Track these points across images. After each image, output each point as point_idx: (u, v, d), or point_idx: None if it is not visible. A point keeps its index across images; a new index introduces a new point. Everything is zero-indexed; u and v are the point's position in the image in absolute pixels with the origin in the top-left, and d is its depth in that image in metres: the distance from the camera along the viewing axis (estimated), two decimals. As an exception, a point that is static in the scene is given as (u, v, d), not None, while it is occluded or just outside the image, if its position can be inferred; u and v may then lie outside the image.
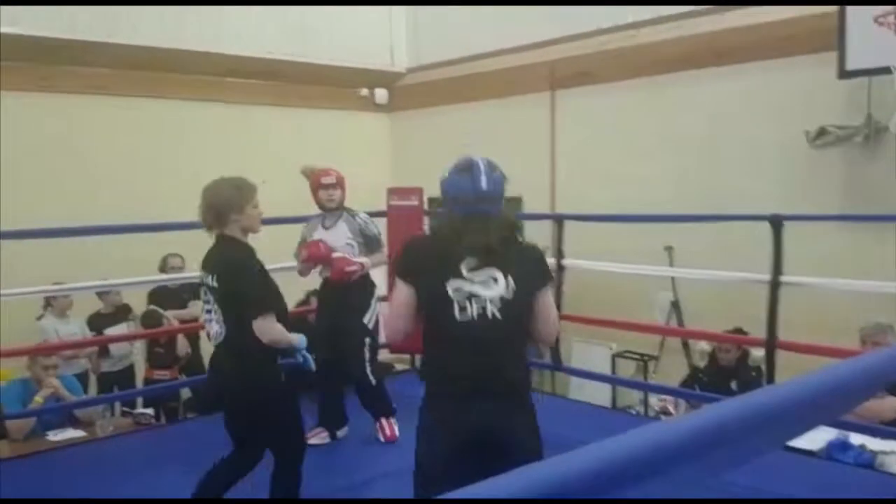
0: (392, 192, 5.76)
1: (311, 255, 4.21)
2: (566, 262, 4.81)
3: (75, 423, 4.58)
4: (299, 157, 7.13)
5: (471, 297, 2.34)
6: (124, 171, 6.30)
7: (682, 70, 5.68)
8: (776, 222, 3.97)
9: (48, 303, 5.37)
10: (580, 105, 6.42)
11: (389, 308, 2.50)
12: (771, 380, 4.07)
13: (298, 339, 3.05)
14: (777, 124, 5.19)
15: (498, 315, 2.34)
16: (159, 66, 6.48)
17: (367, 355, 4.20)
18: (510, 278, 2.38)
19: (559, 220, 4.92)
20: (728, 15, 5.45)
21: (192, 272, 5.64)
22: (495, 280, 2.36)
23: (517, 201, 6.85)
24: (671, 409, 4.88)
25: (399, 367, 6.43)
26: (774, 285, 3.96)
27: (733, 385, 4.76)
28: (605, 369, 5.93)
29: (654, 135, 5.92)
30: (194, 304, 5.91)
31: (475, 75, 7.15)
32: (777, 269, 3.96)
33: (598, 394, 5.72)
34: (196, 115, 6.76)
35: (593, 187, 6.16)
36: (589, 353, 6.07)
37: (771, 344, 4.01)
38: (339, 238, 4.26)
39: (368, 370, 4.21)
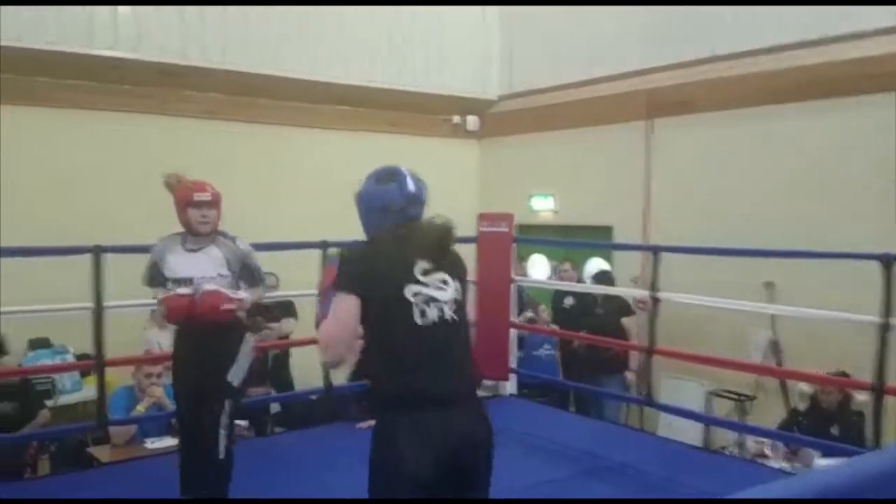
0: (482, 217, 5.76)
1: (173, 312, 3.36)
2: (661, 294, 4.69)
3: (173, 432, 4.74)
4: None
5: (429, 300, 2.28)
6: (232, 193, 6.54)
7: (788, 102, 5.52)
8: (887, 261, 3.77)
9: (152, 315, 5.61)
10: (678, 135, 6.31)
11: (331, 323, 2.25)
12: (878, 426, 3.85)
13: None
14: (886, 160, 4.95)
15: (455, 317, 2.32)
16: (262, 93, 6.77)
17: (225, 421, 3.35)
18: (455, 280, 2.37)
19: (656, 251, 4.81)
20: (832, 47, 5.27)
21: (287, 290, 5.84)
22: (446, 283, 2.34)
23: (607, 230, 6.79)
24: (768, 452, 4.68)
25: (480, 393, 6.40)
26: (884, 328, 3.75)
27: (834, 430, 4.55)
28: (697, 407, 5.74)
29: (755, 167, 5.75)
30: (286, 321, 6.09)
31: (567, 103, 7.14)
32: (887, 310, 3.75)
33: (689, 432, 5.53)
34: (293, 141, 7.01)
35: (689, 218, 6.03)
36: (680, 389, 5.89)
37: (879, 388, 3.80)
38: (208, 265, 3.44)
39: (221, 439, 3.33)
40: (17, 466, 4.72)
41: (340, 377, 6.06)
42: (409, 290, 2.27)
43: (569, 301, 6.28)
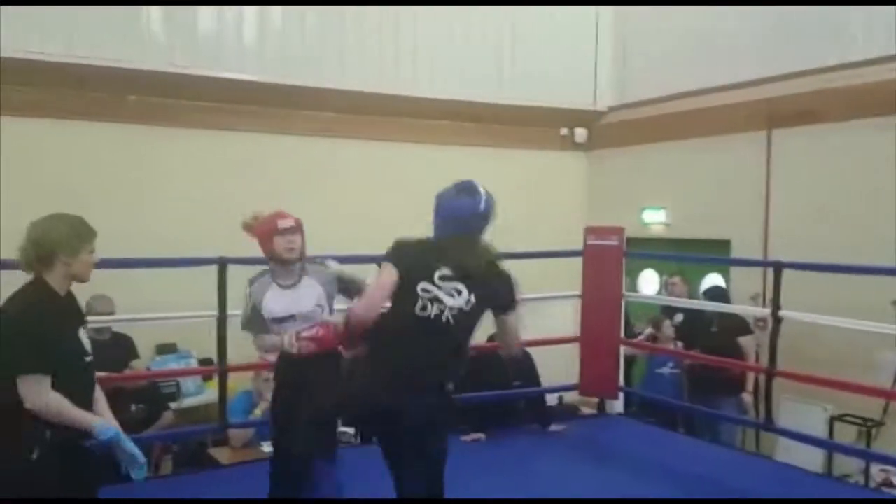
0: (590, 231, 5.67)
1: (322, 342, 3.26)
2: (784, 313, 4.47)
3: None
4: (498, 196, 7.36)
5: (434, 299, 2.71)
6: (345, 208, 6.76)
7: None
8: None
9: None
10: (801, 146, 6.00)
11: (374, 287, 2.80)
12: None
13: (97, 427, 2.49)
14: None
15: (451, 321, 2.71)
16: (377, 111, 6.97)
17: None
18: (473, 295, 2.74)
19: (778, 267, 4.59)
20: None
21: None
22: (459, 292, 2.73)
23: (725, 244, 6.54)
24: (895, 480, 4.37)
25: (586, 410, 6.31)
26: None
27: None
28: (818, 432, 5.42)
29: (886, 180, 5.39)
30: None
31: (680, 113, 6.94)
32: None
33: (809, 458, 5.22)
34: (408, 156, 7.15)
35: (813, 233, 5.72)
36: (801, 413, 5.58)
37: None
38: (305, 300, 3.39)
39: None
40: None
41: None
42: (421, 286, 2.71)
43: (678, 318, 6.07)
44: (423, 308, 2.69)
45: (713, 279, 6.66)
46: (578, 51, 7.73)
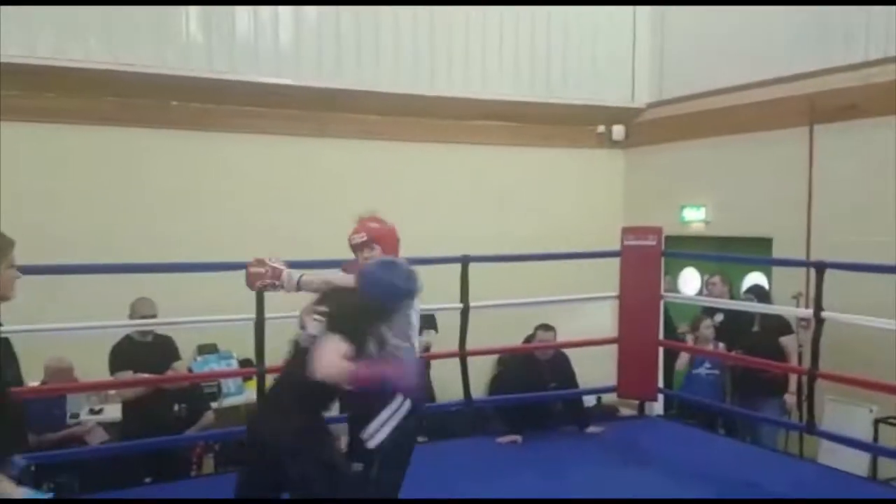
0: (628, 231, 5.61)
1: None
2: (826, 314, 4.38)
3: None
4: (535, 195, 7.38)
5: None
6: (386, 209, 6.78)
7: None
8: None
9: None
10: (844, 141, 5.85)
11: None
12: None
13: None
14: None
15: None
16: (414, 112, 7.00)
17: None
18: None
19: (820, 267, 4.49)
20: None
21: (428, 304, 5.96)
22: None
23: (766, 242, 6.42)
24: (945, 487, 4.25)
25: (625, 411, 6.26)
26: None
27: None
28: (864, 434, 5.30)
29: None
30: (428, 333, 6.21)
31: (719, 110, 6.82)
32: None
33: (854, 461, 5.10)
34: (443, 156, 7.17)
35: (857, 231, 5.57)
36: (845, 414, 5.46)
37: None
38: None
39: None
40: (185, 464, 5.13)
41: (480, 391, 6.12)
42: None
43: (718, 318, 5.97)
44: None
45: (755, 278, 6.54)
46: (615, 47, 7.66)
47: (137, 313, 4.75)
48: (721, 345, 5.81)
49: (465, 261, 5.01)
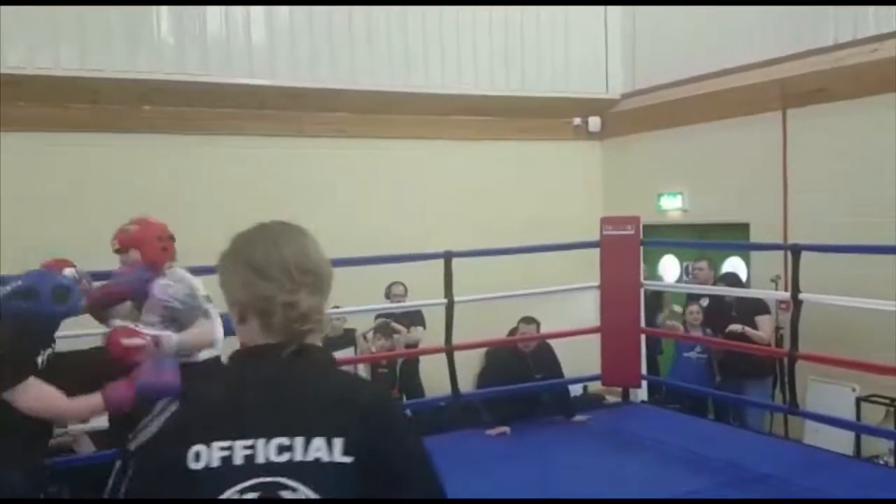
0: (606, 221, 5.66)
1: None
2: (803, 296, 4.44)
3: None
4: (514, 189, 7.40)
5: None
6: (363, 207, 6.77)
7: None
8: None
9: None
10: (816, 124, 5.93)
11: None
12: None
13: None
14: None
15: None
16: (393, 109, 6.98)
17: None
18: None
19: (796, 250, 4.55)
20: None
21: (414, 300, 5.98)
22: None
23: (744, 227, 6.49)
24: (928, 462, 4.32)
25: (610, 399, 6.31)
26: None
27: None
28: (846, 413, 5.37)
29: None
30: (415, 329, 6.24)
31: (693, 97, 6.88)
32: None
33: (839, 440, 5.18)
34: (422, 153, 7.17)
35: (832, 213, 5.66)
36: (828, 394, 5.54)
37: None
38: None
39: None
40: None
41: (468, 384, 6.14)
42: None
43: (704, 302, 6.04)
44: None
45: (733, 263, 6.62)
46: (588, 39, 7.70)
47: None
48: (708, 330, 5.89)
49: (447, 256, 5.03)
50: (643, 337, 5.66)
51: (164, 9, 6.08)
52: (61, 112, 5.90)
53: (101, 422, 5.08)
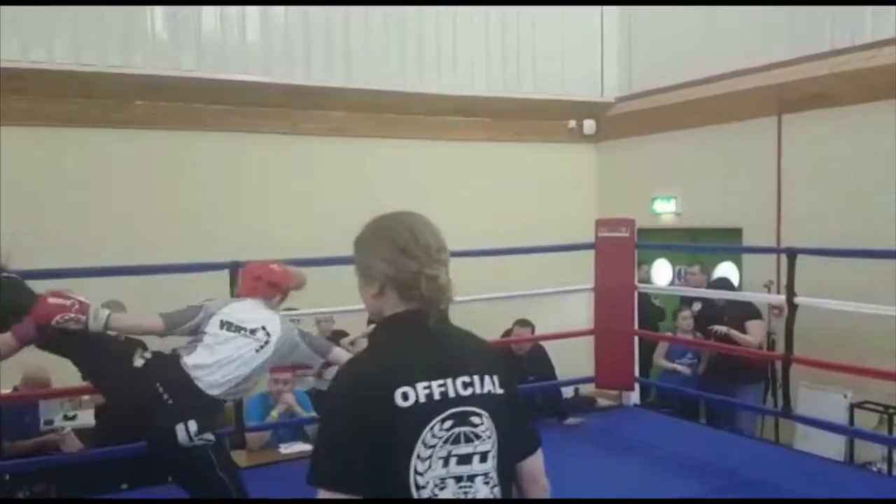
0: (601, 223, 5.64)
1: None
2: (799, 300, 4.43)
3: (304, 437, 4.91)
4: (508, 190, 7.38)
5: None
6: (359, 207, 6.72)
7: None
8: None
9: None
10: (813, 130, 5.95)
11: None
12: None
13: None
14: None
15: None
16: (387, 109, 6.96)
17: None
18: None
19: (792, 254, 4.54)
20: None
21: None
22: None
23: (737, 232, 6.49)
24: (920, 468, 4.32)
25: (603, 402, 6.29)
26: None
27: None
28: (838, 419, 5.38)
29: (899, 162, 5.34)
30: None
31: (688, 102, 6.89)
32: None
33: (830, 446, 5.18)
34: (416, 153, 7.15)
35: (827, 218, 5.67)
36: (819, 400, 5.54)
37: None
38: None
39: None
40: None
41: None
42: None
43: (696, 307, 6.03)
44: None
45: (726, 269, 6.62)
46: (584, 42, 7.70)
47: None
48: (699, 334, 5.88)
49: (443, 257, 4.99)
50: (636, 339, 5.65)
51: (158, 5, 6.04)
52: (55, 106, 5.84)
53: (88, 419, 5.05)
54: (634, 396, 5.71)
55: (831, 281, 4.74)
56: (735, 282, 6.33)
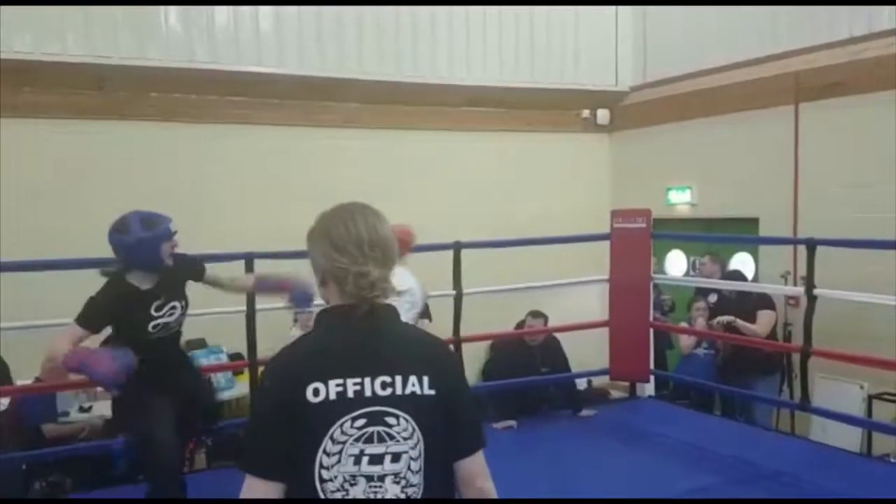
0: (616, 214, 5.60)
1: None
2: (818, 291, 4.38)
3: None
4: (523, 181, 7.35)
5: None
6: (370, 198, 6.70)
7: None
8: None
9: (295, 318, 5.87)
10: (830, 119, 5.87)
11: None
12: None
13: None
14: None
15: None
16: (401, 100, 6.95)
17: None
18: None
19: (811, 244, 4.48)
20: None
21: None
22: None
23: (753, 222, 6.43)
24: (937, 460, 4.28)
25: (617, 394, 6.27)
26: None
27: None
28: (854, 410, 5.33)
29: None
30: (422, 322, 6.18)
31: (702, 91, 6.83)
32: None
33: (846, 437, 5.14)
34: (429, 144, 7.13)
35: (844, 208, 5.60)
36: (836, 391, 5.49)
37: None
38: None
39: None
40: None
41: (473, 377, 6.09)
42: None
43: (712, 298, 5.98)
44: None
45: (742, 259, 6.56)
46: (598, 31, 7.64)
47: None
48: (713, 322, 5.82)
49: (457, 247, 4.98)
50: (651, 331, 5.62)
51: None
52: (68, 99, 5.86)
53: (105, 409, 5.08)
54: (649, 388, 5.68)
55: (846, 271, 4.70)
56: (750, 273, 6.27)
